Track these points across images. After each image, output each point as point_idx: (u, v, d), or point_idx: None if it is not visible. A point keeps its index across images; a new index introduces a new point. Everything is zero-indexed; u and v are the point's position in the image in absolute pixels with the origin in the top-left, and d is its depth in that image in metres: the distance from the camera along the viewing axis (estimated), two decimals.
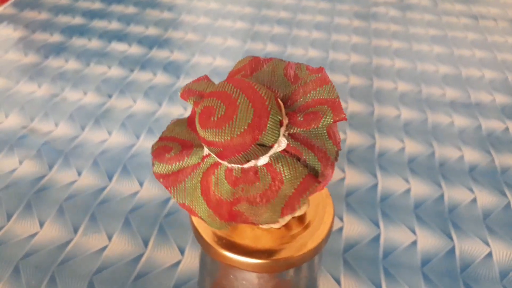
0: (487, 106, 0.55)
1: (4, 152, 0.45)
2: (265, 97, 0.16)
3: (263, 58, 0.19)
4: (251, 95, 0.16)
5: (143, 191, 0.41)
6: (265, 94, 0.16)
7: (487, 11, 0.79)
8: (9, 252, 0.36)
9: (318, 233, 0.21)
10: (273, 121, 0.16)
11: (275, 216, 0.17)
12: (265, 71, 0.19)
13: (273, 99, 0.16)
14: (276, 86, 0.18)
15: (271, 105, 0.16)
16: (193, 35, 0.68)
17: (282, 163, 0.17)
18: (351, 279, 0.35)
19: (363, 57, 0.64)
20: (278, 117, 0.16)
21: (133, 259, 0.35)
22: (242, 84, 0.17)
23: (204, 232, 0.21)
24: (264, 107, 0.16)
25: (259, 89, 0.16)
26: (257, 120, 0.16)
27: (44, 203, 0.40)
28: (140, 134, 0.48)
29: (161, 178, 0.19)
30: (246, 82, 0.17)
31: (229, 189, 0.17)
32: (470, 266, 0.36)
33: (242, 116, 0.16)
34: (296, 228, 0.21)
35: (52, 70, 0.58)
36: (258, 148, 0.16)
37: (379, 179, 0.44)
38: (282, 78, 0.18)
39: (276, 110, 0.16)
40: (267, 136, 0.16)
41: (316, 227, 0.21)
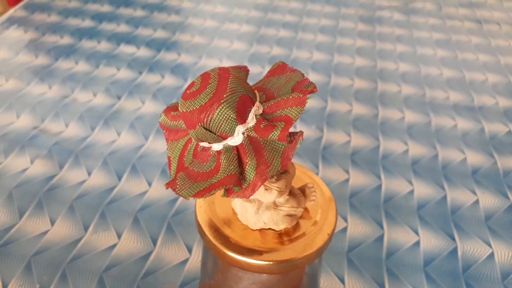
0: (490, 109, 0.56)
1: (15, 152, 0.46)
2: (228, 91, 0.18)
3: (289, 67, 0.20)
4: (221, 84, 0.18)
5: (152, 190, 0.42)
6: (230, 88, 0.18)
7: (490, 15, 0.80)
8: (21, 249, 0.37)
9: (321, 236, 0.22)
10: (222, 113, 0.17)
11: (187, 194, 0.18)
12: (282, 78, 0.20)
13: (236, 96, 0.18)
14: (278, 94, 0.19)
15: (228, 100, 0.17)
16: (200, 38, 0.69)
17: (226, 155, 0.18)
18: (355, 278, 0.35)
19: (367, 60, 0.65)
20: (229, 112, 0.17)
21: (142, 257, 0.36)
22: (224, 73, 0.18)
23: (209, 231, 0.22)
24: (220, 97, 0.17)
25: (230, 82, 0.18)
26: (208, 105, 0.17)
27: (55, 202, 0.41)
28: (149, 135, 0.49)
29: (165, 129, 0.21)
30: (228, 72, 0.18)
31: (190, 159, 0.19)
32: (472, 266, 0.37)
33: (202, 97, 0.17)
34: (299, 230, 0.22)
35: (62, 71, 0.59)
36: (204, 131, 0.18)
37: (383, 181, 0.44)
38: (288, 90, 0.19)
39: (230, 106, 0.17)
40: (213, 124, 0.17)
41: (318, 230, 0.22)
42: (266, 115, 0.18)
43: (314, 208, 0.23)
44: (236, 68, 0.20)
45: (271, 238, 0.22)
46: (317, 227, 0.22)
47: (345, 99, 0.56)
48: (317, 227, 0.22)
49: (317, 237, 0.22)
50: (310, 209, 0.23)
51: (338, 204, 0.42)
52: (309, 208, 0.23)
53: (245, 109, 0.18)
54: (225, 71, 0.19)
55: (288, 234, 0.22)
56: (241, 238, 0.22)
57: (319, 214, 0.23)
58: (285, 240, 0.22)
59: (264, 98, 0.19)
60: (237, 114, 0.18)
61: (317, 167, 0.46)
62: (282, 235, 0.22)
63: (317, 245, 0.21)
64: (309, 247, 0.21)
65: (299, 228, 0.22)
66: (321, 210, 0.23)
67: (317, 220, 0.22)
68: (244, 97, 0.18)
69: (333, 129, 0.51)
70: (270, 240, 0.22)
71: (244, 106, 0.18)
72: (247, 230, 0.22)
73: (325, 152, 0.48)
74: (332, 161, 0.47)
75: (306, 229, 0.22)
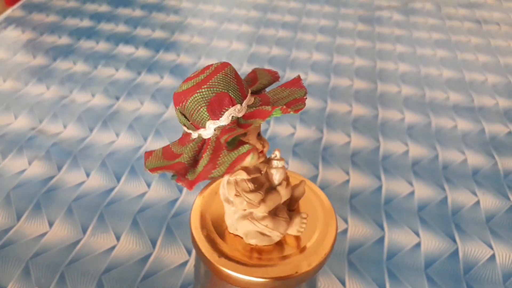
0: (490, 110, 0.56)
1: (13, 153, 0.46)
2: (208, 84, 0.18)
3: (301, 83, 0.21)
4: (209, 77, 0.19)
5: (151, 192, 0.42)
6: (212, 83, 0.18)
7: (490, 16, 0.80)
8: (19, 252, 0.36)
9: (319, 252, 0.21)
10: (193, 103, 0.18)
11: (148, 166, 0.20)
12: (287, 91, 0.20)
13: (213, 91, 0.18)
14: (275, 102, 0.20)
15: (203, 92, 0.18)
16: (199, 38, 0.68)
17: (192, 144, 0.19)
18: (356, 280, 0.35)
19: (367, 60, 0.65)
20: (199, 104, 0.18)
21: (141, 259, 0.36)
22: (221, 68, 0.19)
23: (204, 248, 0.21)
24: (199, 88, 0.18)
25: (216, 77, 0.19)
26: (187, 92, 0.19)
27: (53, 204, 0.40)
28: (148, 135, 0.49)
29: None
30: (225, 68, 0.19)
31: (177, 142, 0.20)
32: (473, 268, 0.37)
33: (190, 83, 0.19)
34: (295, 247, 0.22)
35: (60, 72, 0.59)
36: (180, 115, 0.19)
37: (383, 182, 0.44)
38: (284, 103, 0.20)
39: (203, 99, 0.18)
40: (186, 111, 0.19)
41: (317, 246, 0.22)
42: (243, 119, 0.19)
43: (314, 223, 0.23)
44: (262, 70, 0.21)
45: (266, 253, 0.21)
46: (316, 243, 0.22)
47: (345, 99, 0.56)
48: (316, 243, 0.22)
49: (315, 253, 0.21)
50: (310, 224, 0.23)
51: (338, 206, 0.41)
52: (308, 223, 0.23)
53: (220, 107, 0.18)
54: (223, 66, 0.19)
55: (285, 249, 0.22)
56: (235, 251, 0.21)
57: (318, 229, 0.22)
58: (281, 256, 0.21)
59: (259, 104, 0.19)
60: (209, 109, 0.18)
61: (317, 168, 0.45)
62: (278, 250, 0.22)
63: (315, 262, 0.21)
64: (306, 265, 0.21)
65: (297, 245, 0.22)
66: (321, 225, 0.22)
67: (318, 236, 0.22)
68: (222, 95, 0.18)
69: (333, 130, 0.51)
70: (265, 255, 0.21)
71: (219, 104, 0.18)
72: (241, 243, 0.22)
73: (325, 153, 0.47)
74: (332, 162, 0.46)
75: (303, 246, 0.22)
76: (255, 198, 0.20)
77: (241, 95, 0.19)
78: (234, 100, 0.19)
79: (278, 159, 0.21)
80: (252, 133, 0.20)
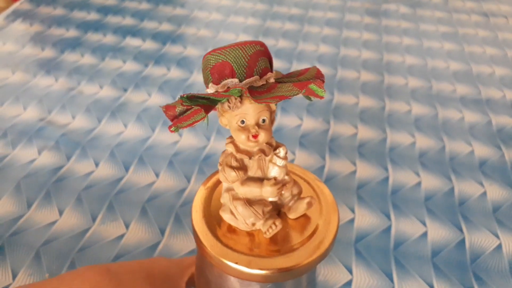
0: (498, 102, 0.56)
1: (23, 143, 0.46)
2: (220, 50, 0.19)
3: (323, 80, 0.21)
4: (230, 46, 0.20)
5: (159, 181, 0.42)
6: (223, 51, 0.19)
7: (497, 9, 0.79)
8: (30, 239, 0.37)
9: (320, 246, 0.21)
10: (203, 62, 0.20)
11: None
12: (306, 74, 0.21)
13: (220, 58, 0.19)
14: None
15: (213, 55, 0.19)
16: (206, 31, 0.69)
17: None
18: (363, 268, 0.36)
19: (374, 53, 0.65)
20: (205, 65, 0.20)
21: (150, 247, 0.36)
22: (248, 43, 0.20)
23: (205, 239, 0.22)
24: (214, 51, 0.20)
25: (230, 48, 0.20)
26: (209, 52, 0.20)
27: (63, 193, 0.41)
28: (156, 126, 0.49)
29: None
30: (250, 44, 0.20)
31: None
32: (480, 257, 0.37)
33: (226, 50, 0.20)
34: (298, 238, 0.22)
35: (68, 64, 0.59)
36: (205, 74, 0.20)
37: (390, 173, 0.44)
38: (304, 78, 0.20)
39: (210, 61, 0.19)
40: (202, 66, 0.20)
41: (318, 240, 0.22)
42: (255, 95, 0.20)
43: (316, 215, 0.23)
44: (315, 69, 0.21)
45: (267, 245, 0.21)
46: (318, 235, 0.22)
47: (351, 91, 0.56)
48: (318, 235, 0.22)
49: (318, 245, 0.21)
50: (311, 216, 0.23)
51: (345, 196, 0.42)
52: (310, 215, 0.23)
53: (220, 75, 0.20)
54: (251, 43, 0.20)
55: (286, 242, 0.22)
56: (236, 243, 0.21)
57: (320, 223, 0.22)
58: (282, 248, 0.21)
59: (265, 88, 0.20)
60: (211, 72, 0.20)
61: (324, 159, 0.46)
62: (280, 243, 0.22)
63: (316, 253, 0.21)
64: (308, 256, 0.21)
65: (300, 236, 0.22)
66: (323, 219, 0.23)
67: (319, 228, 0.22)
68: (226, 64, 0.20)
69: (340, 122, 0.51)
70: (266, 247, 0.21)
71: (220, 71, 0.20)
72: (242, 234, 0.22)
73: (332, 144, 0.48)
74: (339, 153, 0.46)
75: (307, 237, 0.22)
76: (229, 174, 0.21)
77: (246, 72, 0.20)
78: (235, 73, 0.19)
79: (280, 156, 0.22)
80: (250, 114, 0.20)
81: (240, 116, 0.20)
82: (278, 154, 0.22)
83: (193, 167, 0.44)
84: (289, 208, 0.23)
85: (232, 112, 0.20)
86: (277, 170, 0.22)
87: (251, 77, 0.20)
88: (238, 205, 0.22)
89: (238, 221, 0.22)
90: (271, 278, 0.20)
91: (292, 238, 0.22)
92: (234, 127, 0.21)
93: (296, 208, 0.23)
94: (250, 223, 0.22)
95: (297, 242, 0.22)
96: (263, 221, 0.22)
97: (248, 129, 0.20)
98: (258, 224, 0.22)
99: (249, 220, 0.22)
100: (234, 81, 0.20)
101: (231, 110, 0.20)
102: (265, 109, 0.21)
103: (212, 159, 0.45)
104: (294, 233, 0.22)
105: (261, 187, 0.21)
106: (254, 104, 0.20)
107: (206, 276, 0.24)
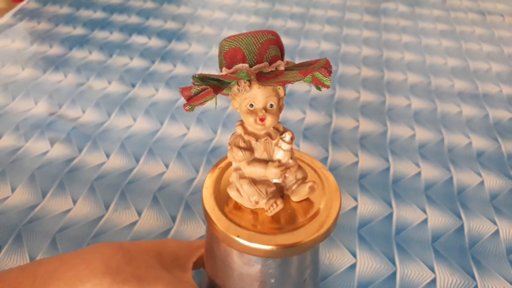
0: (494, 96, 0.57)
1: (35, 136, 0.48)
2: (235, 37, 0.21)
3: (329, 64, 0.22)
4: (245, 34, 0.22)
5: (169, 172, 0.44)
6: (237, 37, 0.21)
7: (494, 7, 0.81)
8: (46, 226, 0.38)
9: (326, 222, 0.23)
10: (220, 48, 0.22)
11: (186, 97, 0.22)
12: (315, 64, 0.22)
13: (233, 44, 0.21)
14: None
15: (228, 41, 0.22)
16: (210, 28, 0.70)
17: None
18: (366, 253, 0.37)
19: (374, 50, 0.66)
20: (221, 50, 0.22)
21: (162, 233, 0.38)
22: (262, 32, 0.22)
23: (212, 213, 0.23)
24: (229, 38, 0.22)
25: (245, 35, 0.21)
26: (225, 38, 0.22)
27: (76, 182, 0.42)
28: (164, 120, 0.50)
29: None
30: (263, 33, 0.22)
31: None
32: (478, 242, 0.38)
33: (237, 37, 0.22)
34: (300, 219, 0.24)
35: (76, 60, 0.61)
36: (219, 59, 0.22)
37: (391, 163, 0.46)
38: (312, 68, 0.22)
39: (225, 46, 0.22)
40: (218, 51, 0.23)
41: (323, 217, 0.23)
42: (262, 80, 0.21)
43: (319, 200, 0.24)
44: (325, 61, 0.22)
45: (273, 223, 0.23)
46: (322, 214, 0.23)
47: (352, 86, 0.58)
48: (321, 214, 0.23)
49: (322, 223, 0.23)
50: (314, 201, 0.24)
51: (347, 185, 0.43)
52: (313, 200, 0.25)
53: (232, 59, 0.22)
54: (267, 32, 0.22)
55: (288, 221, 0.23)
56: (240, 219, 0.23)
57: (323, 203, 0.24)
58: (283, 227, 0.23)
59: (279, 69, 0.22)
60: (225, 56, 0.22)
61: (327, 151, 0.47)
62: (287, 220, 0.23)
63: (320, 231, 0.23)
64: (312, 233, 0.22)
65: (304, 214, 0.24)
66: (325, 202, 0.24)
67: (322, 208, 0.24)
68: (238, 50, 0.21)
69: (341, 115, 0.53)
70: (272, 225, 0.23)
71: (233, 57, 0.22)
72: (246, 213, 0.23)
73: (335, 136, 0.49)
74: (341, 145, 0.48)
75: (311, 216, 0.23)
76: (236, 153, 0.23)
77: (256, 58, 0.22)
78: (246, 59, 0.21)
79: (286, 141, 0.23)
80: (259, 99, 0.22)
81: (249, 100, 0.22)
82: (283, 138, 0.23)
83: (201, 158, 0.46)
84: (292, 191, 0.24)
85: (242, 95, 0.22)
86: (282, 154, 0.23)
87: (260, 63, 0.22)
88: (243, 184, 0.23)
89: (243, 199, 0.24)
90: (270, 254, 0.22)
91: (294, 219, 0.23)
92: (244, 110, 0.22)
93: (299, 192, 0.24)
94: (253, 201, 0.23)
95: (298, 222, 0.23)
96: (266, 200, 0.23)
97: (256, 113, 0.22)
98: (261, 202, 0.23)
99: (253, 198, 0.23)
100: (244, 66, 0.21)
101: (240, 93, 0.22)
102: (273, 95, 0.22)
103: (219, 151, 0.47)
104: (296, 215, 0.24)
105: (266, 168, 0.23)
106: (262, 89, 0.22)
107: (213, 252, 0.25)
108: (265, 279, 0.24)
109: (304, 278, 0.26)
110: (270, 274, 0.24)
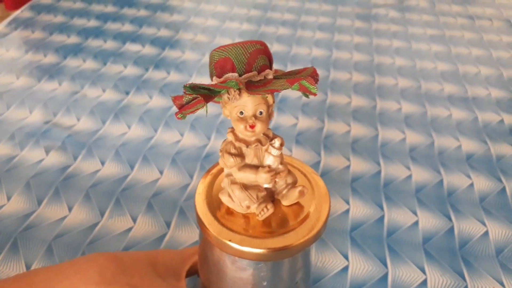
0: (483, 100, 0.58)
1: (30, 144, 0.48)
2: (224, 48, 0.22)
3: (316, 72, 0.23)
4: (233, 44, 0.22)
5: (164, 178, 0.44)
6: (227, 48, 0.22)
7: (482, 12, 0.83)
8: (41, 233, 0.39)
9: (316, 225, 0.24)
10: (210, 58, 0.23)
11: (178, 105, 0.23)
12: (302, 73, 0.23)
13: (223, 55, 0.22)
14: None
15: (218, 51, 0.22)
16: (203, 36, 0.71)
17: None
18: (358, 255, 0.38)
19: (365, 55, 0.67)
20: (210, 60, 0.22)
21: (157, 239, 0.38)
22: (250, 42, 0.23)
23: (205, 218, 0.24)
24: (219, 48, 0.22)
25: (234, 46, 0.22)
26: (215, 49, 0.23)
27: (71, 190, 0.43)
28: (158, 127, 0.51)
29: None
30: (252, 44, 0.23)
31: None
32: (468, 243, 0.39)
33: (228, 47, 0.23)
34: (290, 223, 0.24)
35: (71, 69, 0.61)
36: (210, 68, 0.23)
37: (382, 167, 0.47)
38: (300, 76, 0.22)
39: (215, 57, 0.22)
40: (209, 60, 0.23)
41: (313, 220, 0.24)
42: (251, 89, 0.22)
43: (308, 204, 0.25)
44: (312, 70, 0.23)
45: (264, 227, 0.24)
46: (311, 218, 0.24)
47: (344, 92, 0.59)
48: (311, 218, 0.24)
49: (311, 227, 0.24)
50: (304, 205, 0.25)
51: (340, 189, 0.44)
52: (303, 203, 0.25)
53: (222, 69, 0.22)
54: (255, 42, 0.23)
55: (279, 225, 0.24)
56: (231, 224, 0.24)
57: (313, 208, 0.25)
58: (274, 231, 0.24)
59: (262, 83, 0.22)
60: (215, 66, 0.22)
61: (320, 155, 0.48)
62: (277, 224, 0.24)
63: (310, 233, 0.23)
64: (302, 236, 0.23)
65: (295, 218, 0.24)
66: (315, 206, 0.25)
67: (312, 212, 0.24)
68: (227, 60, 0.22)
69: (333, 120, 0.53)
70: (263, 229, 0.24)
71: (222, 66, 0.22)
72: (238, 217, 0.24)
73: (327, 141, 0.50)
74: (333, 149, 0.49)
75: (301, 219, 0.24)
76: (227, 160, 0.23)
77: (245, 68, 0.22)
78: (236, 68, 0.22)
79: (275, 147, 0.24)
80: (248, 106, 0.23)
81: (239, 107, 0.23)
82: (273, 144, 0.24)
83: (195, 164, 0.46)
84: (283, 196, 0.25)
85: (232, 103, 0.23)
86: (272, 159, 0.24)
87: (249, 72, 0.22)
88: (235, 189, 0.24)
89: (235, 204, 0.24)
90: (261, 257, 0.23)
91: (285, 223, 0.24)
92: (234, 117, 0.23)
93: (289, 196, 0.25)
94: (245, 206, 0.24)
95: (289, 226, 0.24)
96: (257, 205, 0.24)
97: (246, 120, 0.23)
98: (252, 207, 0.24)
99: (244, 203, 0.24)
100: (234, 75, 0.22)
101: (231, 101, 0.23)
102: (263, 103, 0.23)
103: (213, 157, 0.47)
104: (287, 219, 0.25)
105: (256, 174, 0.24)
106: (252, 97, 0.22)
107: (207, 256, 0.26)
108: (257, 282, 0.25)
109: (295, 280, 0.26)
110: (262, 277, 0.25)
